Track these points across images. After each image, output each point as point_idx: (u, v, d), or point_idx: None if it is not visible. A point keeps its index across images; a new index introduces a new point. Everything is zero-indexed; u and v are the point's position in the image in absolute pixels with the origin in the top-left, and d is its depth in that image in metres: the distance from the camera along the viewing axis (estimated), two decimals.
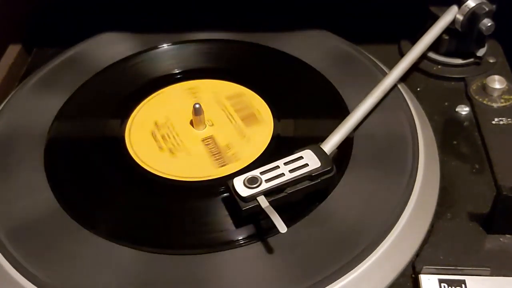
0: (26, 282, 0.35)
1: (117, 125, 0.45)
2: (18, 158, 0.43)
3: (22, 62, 0.57)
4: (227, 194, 0.38)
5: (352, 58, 0.50)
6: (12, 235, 0.37)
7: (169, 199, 0.40)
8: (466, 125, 0.46)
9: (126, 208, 0.40)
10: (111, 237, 0.37)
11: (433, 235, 0.39)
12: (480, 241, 0.38)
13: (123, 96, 0.48)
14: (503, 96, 0.47)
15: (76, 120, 0.46)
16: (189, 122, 0.45)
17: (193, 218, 0.38)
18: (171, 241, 0.37)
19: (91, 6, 0.60)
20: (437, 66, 0.51)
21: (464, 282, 0.35)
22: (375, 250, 0.36)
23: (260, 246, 0.36)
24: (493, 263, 0.36)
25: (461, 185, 0.42)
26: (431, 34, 0.49)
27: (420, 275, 0.36)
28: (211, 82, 0.49)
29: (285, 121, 0.45)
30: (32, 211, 0.39)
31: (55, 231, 0.38)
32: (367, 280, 0.35)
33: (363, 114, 0.43)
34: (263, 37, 0.53)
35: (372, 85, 0.45)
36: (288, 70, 0.50)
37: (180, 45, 0.53)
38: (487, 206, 0.39)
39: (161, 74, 0.50)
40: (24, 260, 0.36)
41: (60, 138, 0.45)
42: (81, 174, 0.42)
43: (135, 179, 0.41)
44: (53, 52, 0.54)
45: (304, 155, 0.38)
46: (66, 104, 0.47)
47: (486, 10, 0.48)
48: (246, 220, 0.37)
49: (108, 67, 0.51)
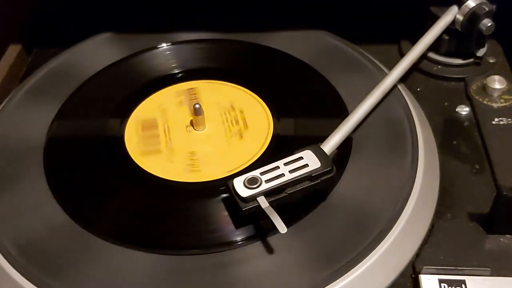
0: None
1: (117, 126, 0.45)
2: (18, 171, 0.42)
3: (22, 62, 0.57)
4: (227, 195, 0.38)
5: (352, 58, 0.50)
6: (25, 251, 0.37)
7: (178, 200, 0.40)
8: (466, 125, 0.46)
9: (129, 210, 0.39)
10: (112, 239, 0.37)
11: (433, 235, 0.39)
12: (480, 241, 0.38)
13: (121, 97, 0.48)
14: (503, 96, 0.47)
15: (74, 124, 0.46)
16: (189, 122, 0.45)
17: (193, 219, 0.38)
18: (171, 242, 0.37)
19: (91, 6, 0.60)
20: (437, 66, 0.51)
21: (464, 282, 0.35)
22: (375, 250, 0.36)
23: (261, 245, 0.36)
24: (493, 263, 0.36)
25: (461, 185, 0.42)
26: (431, 34, 0.49)
27: (420, 275, 0.36)
28: (211, 82, 0.49)
29: (285, 121, 0.45)
30: (41, 225, 0.38)
31: (67, 244, 0.37)
32: (367, 280, 0.35)
33: (363, 115, 0.43)
34: (263, 37, 0.53)
35: (372, 85, 0.45)
36: (288, 70, 0.50)
37: (179, 45, 0.53)
38: (487, 206, 0.39)
39: (159, 75, 0.50)
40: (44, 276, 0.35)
41: (59, 141, 0.44)
42: (85, 181, 0.41)
43: (139, 182, 0.41)
44: (53, 52, 0.54)
45: (304, 155, 0.38)
46: (60, 112, 0.46)
47: (486, 10, 0.48)
48: (246, 221, 0.37)
49: (108, 67, 0.51)
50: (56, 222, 0.38)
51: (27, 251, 0.37)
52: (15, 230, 0.38)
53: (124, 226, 0.38)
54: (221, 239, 0.37)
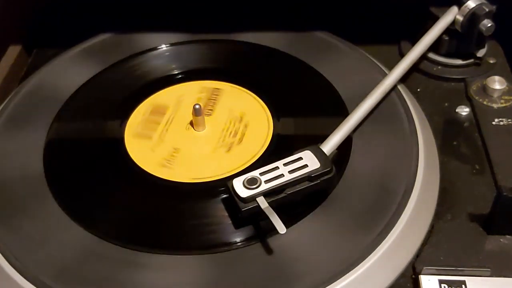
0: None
1: (117, 127, 0.45)
2: (25, 200, 0.40)
3: (22, 63, 0.57)
4: (227, 195, 0.38)
5: (352, 59, 0.50)
6: (59, 276, 0.36)
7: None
8: (466, 126, 0.46)
9: (131, 211, 0.39)
10: (113, 239, 0.37)
11: (433, 236, 0.39)
12: (480, 241, 0.38)
13: (121, 98, 0.48)
14: (503, 97, 0.47)
15: (68, 142, 0.45)
16: (189, 123, 0.45)
17: (193, 219, 0.39)
18: (170, 242, 0.37)
19: (91, 7, 0.60)
20: (437, 67, 0.51)
21: (464, 283, 0.35)
22: (375, 251, 0.36)
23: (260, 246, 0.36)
24: (493, 264, 0.36)
25: (461, 185, 0.42)
26: (431, 35, 0.49)
27: (420, 276, 0.36)
28: (211, 83, 0.49)
29: (285, 121, 0.45)
30: (66, 249, 0.37)
31: (96, 265, 0.36)
32: (367, 281, 0.35)
33: (362, 115, 0.43)
34: (263, 37, 0.52)
35: (372, 86, 0.45)
36: (288, 71, 0.50)
37: (179, 46, 0.53)
38: (487, 207, 0.39)
39: (159, 76, 0.50)
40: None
41: (57, 162, 0.43)
42: (89, 190, 0.41)
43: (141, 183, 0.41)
44: (53, 52, 0.54)
45: (304, 156, 0.38)
46: (50, 131, 0.45)
47: (486, 10, 0.48)
48: (246, 221, 0.37)
49: (108, 67, 0.51)
50: (83, 246, 0.37)
51: (62, 276, 0.36)
52: (43, 258, 0.37)
53: (122, 227, 0.39)
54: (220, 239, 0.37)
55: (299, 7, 0.58)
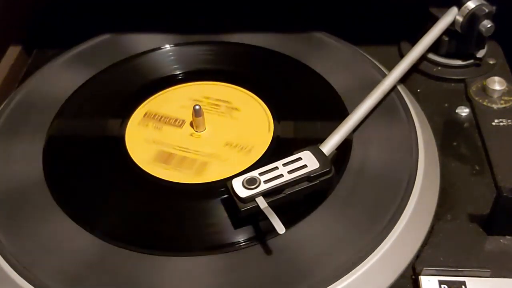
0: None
1: (117, 126, 0.45)
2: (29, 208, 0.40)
3: (22, 63, 0.57)
4: (226, 196, 0.38)
5: (351, 59, 0.50)
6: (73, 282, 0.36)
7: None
8: (466, 127, 0.46)
9: (131, 212, 0.39)
10: (112, 240, 0.37)
11: (433, 236, 0.39)
12: (480, 242, 0.38)
13: (122, 97, 0.48)
14: (503, 98, 0.47)
15: (68, 147, 0.44)
16: (189, 123, 0.45)
17: (193, 219, 0.39)
18: (171, 242, 0.37)
19: (91, 7, 0.60)
20: (437, 68, 0.51)
21: (464, 284, 0.35)
22: (375, 251, 0.36)
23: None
24: (493, 265, 0.36)
25: (461, 186, 0.42)
26: (431, 36, 0.49)
27: (420, 276, 0.36)
28: (211, 84, 0.49)
29: (285, 122, 0.45)
30: (75, 255, 0.37)
31: (109, 272, 0.36)
32: (367, 281, 0.35)
33: (362, 115, 0.43)
34: (263, 38, 0.52)
35: (371, 86, 0.45)
36: (288, 72, 0.50)
37: (181, 47, 0.53)
38: (487, 208, 0.39)
39: (160, 76, 0.50)
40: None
41: (59, 170, 0.43)
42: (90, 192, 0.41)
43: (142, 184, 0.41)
44: (53, 53, 0.54)
45: (303, 156, 0.38)
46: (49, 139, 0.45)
47: (486, 11, 0.48)
48: (245, 221, 0.37)
49: (108, 67, 0.51)
50: (97, 250, 0.37)
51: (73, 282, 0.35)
52: (53, 265, 0.36)
53: (122, 227, 0.39)
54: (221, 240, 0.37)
55: (299, 8, 0.58)
